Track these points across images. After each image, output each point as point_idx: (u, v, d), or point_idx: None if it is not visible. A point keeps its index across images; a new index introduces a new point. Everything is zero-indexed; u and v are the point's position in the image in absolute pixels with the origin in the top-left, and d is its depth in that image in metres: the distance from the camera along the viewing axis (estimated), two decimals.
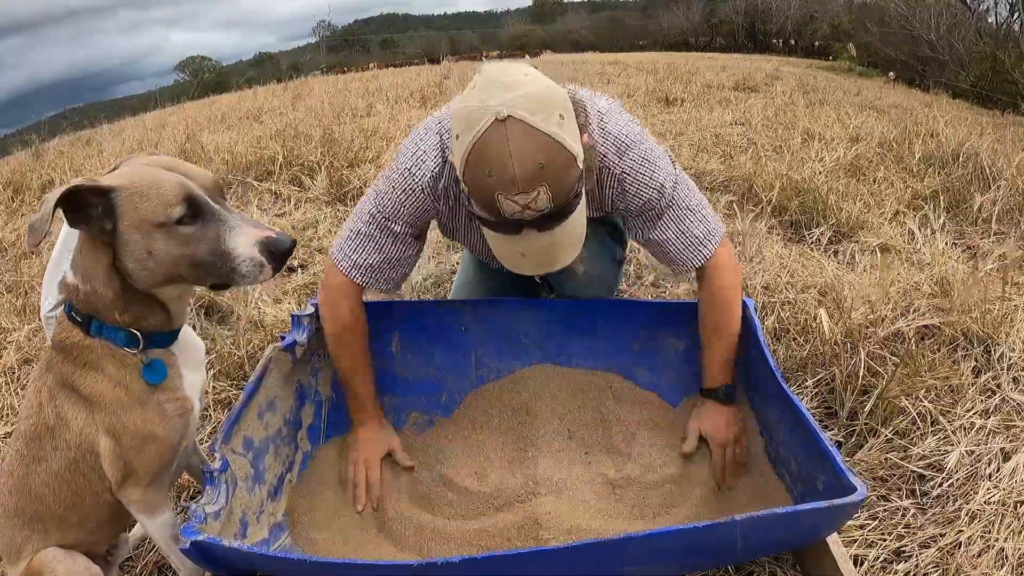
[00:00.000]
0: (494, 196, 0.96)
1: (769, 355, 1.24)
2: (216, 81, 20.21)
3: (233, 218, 0.89)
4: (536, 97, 0.95)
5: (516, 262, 1.08)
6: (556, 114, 0.95)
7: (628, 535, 0.87)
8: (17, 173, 4.17)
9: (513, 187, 0.94)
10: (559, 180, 0.96)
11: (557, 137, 0.94)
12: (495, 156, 0.93)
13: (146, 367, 0.93)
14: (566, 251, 1.07)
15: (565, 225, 1.03)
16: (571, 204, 1.02)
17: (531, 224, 1.00)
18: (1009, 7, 11.84)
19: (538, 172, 0.93)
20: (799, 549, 1.10)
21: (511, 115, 0.92)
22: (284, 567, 0.95)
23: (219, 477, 1.05)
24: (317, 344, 1.43)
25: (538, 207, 0.97)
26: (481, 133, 0.93)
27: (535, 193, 0.95)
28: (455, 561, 0.85)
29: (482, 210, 1.02)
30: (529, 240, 1.03)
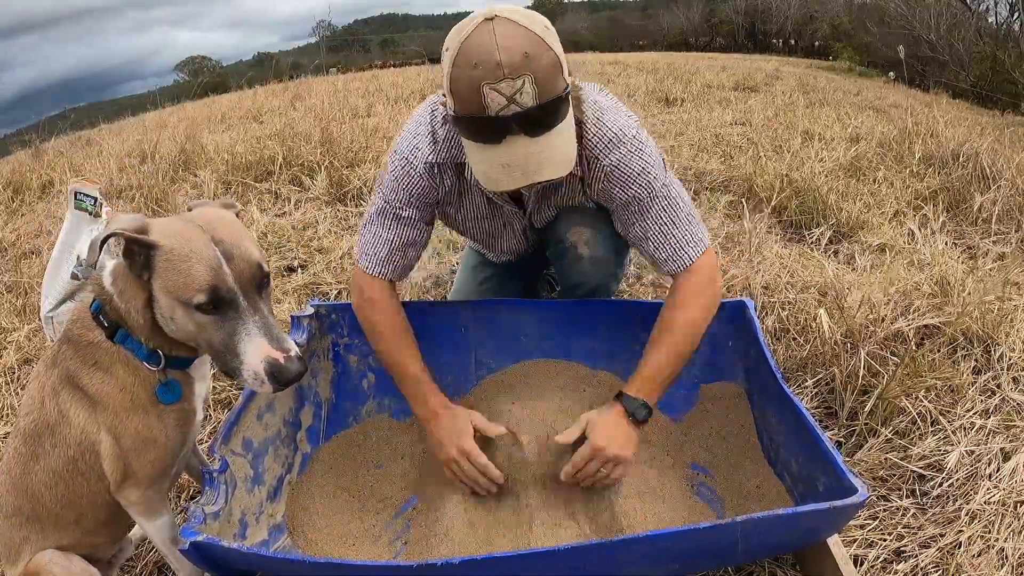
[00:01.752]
0: (480, 88, 0.96)
1: (769, 355, 1.24)
2: (216, 81, 20.21)
3: (253, 322, 0.86)
4: (525, 11, 1.01)
5: (498, 176, 1.05)
6: (542, 24, 1.00)
7: (630, 536, 0.88)
8: (17, 173, 4.16)
9: (498, 72, 0.95)
10: (544, 74, 0.97)
11: (543, 37, 0.98)
12: (482, 47, 0.96)
13: (163, 385, 0.93)
14: (552, 165, 1.04)
15: (552, 135, 1.02)
16: (558, 110, 1.02)
17: (516, 126, 0.99)
18: (1009, 7, 11.85)
19: (523, 60, 0.96)
20: (800, 550, 1.10)
21: (498, 15, 0.98)
22: (283, 568, 0.95)
23: (218, 478, 1.05)
24: (316, 345, 1.43)
25: (523, 101, 0.97)
26: (469, 33, 0.98)
27: (520, 82, 0.96)
28: (455, 562, 0.85)
29: (468, 111, 1.00)
30: (513, 147, 1.01)
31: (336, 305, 1.47)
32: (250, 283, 0.87)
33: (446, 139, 1.22)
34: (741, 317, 1.38)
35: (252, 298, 0.87)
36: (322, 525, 1.23)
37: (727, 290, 2.05)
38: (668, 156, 3.63)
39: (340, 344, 1.48)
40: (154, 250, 0.84)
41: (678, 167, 3.43)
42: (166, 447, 0.95)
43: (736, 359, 1.40)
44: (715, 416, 1.38)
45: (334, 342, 1.48)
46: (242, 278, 0.86)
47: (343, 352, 1.48)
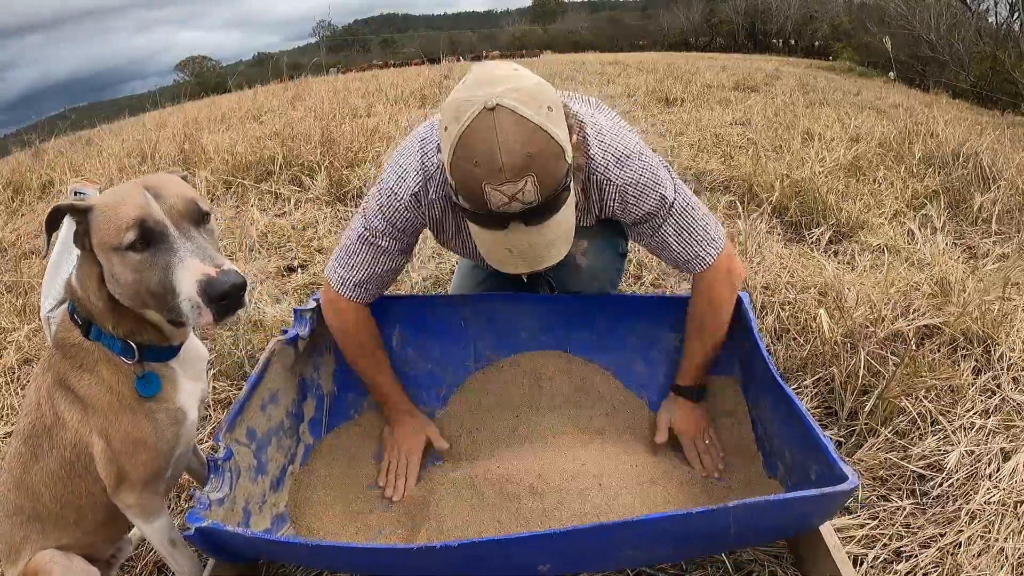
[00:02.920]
0: (481, 186, 0.95)
1: (763, 347, 1.24)
2: (216, 81, 20.21)
3: (187, 248, 0.81)
4: (525, 90, 0.95)
5: (503, 259, 1.05)
6: (545, 106, 0.95)
7: (625, 520, 0.88)
8: (17, 173, 4.17)
9: (500, 176, 0.93)
10: (547, 171, 0.95)
11: (546, 127, 0.94)
12: (483, 144, 0.92)
13: (140, 379, 0.92)
14: (555, 247, 1.04)
15: (552, 221, 1.01)
16: (559, 198, 1.00)
17: (518, 218, 0.98)
18: (1009, 7, 11.85)
19: (526, 161, 0.93)
20: (793, 537, 1.10)
21: (499, 104, 0.92)
22: (287, 551, 0.95)
23: (223, 465, 1.06)
24: (319, 339, 1.44)
25: (525, 199, 0.95)
26: (470, 122, 0.93)
27: (522, 183, 0.94)
28: (453, 545, 0.85)
29: (468, 203, 0.99)
30: (516, 235, 1.01)
31: None
32: (183, 216, 0.84)
33: (438, 179, 1.19)
34: (736, 310, 1.39)
35: (185, 229, 0.83)
36: (324, 515, 1.24)
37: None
38: (668, 156, 3.64)
39: None
40: (90, 212, 0.83)
41: (678, 167, 3.44)
42: (157, 448, 0.94)
43: (731, 352, 1.40)
44: (711, 408, 1.39)
45: None
46: (173, 211, 0.83)
47: None
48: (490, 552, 0.88)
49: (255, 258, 2.45)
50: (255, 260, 2.42)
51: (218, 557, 0.99)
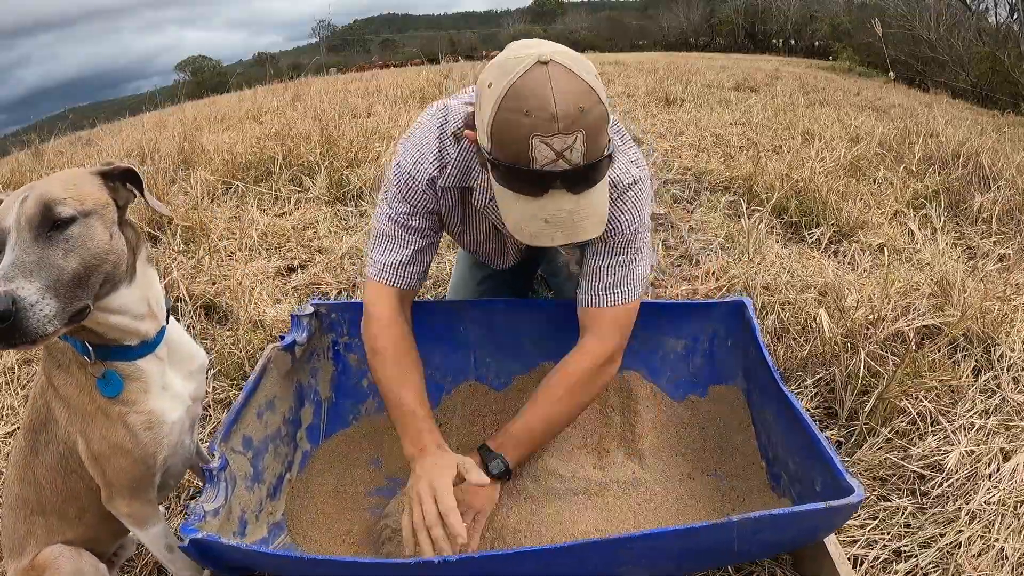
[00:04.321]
0: (528, 139, 0.90)
1: (768, 355, 1.24)
2: (216, 81, 20.20)
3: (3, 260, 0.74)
4: (574, 54, 0.94)
5: (537, 230, 0.98)
6: (593, 72, 0.94)
7: (627, 535, 0.88)
8: (17, 173, 4.16)
9: (552, 126, 0.89)
10: (596, 131, 0.92)
11: (595, 88, 0.92)
12: (537, 93, 0.89)
13: (100, 379, 0.89)
14: (591, 222, 0.99)
15: (593, 192, 0.97)
16: (601, 167, 0.97)
17: (561, 181, 0.94)
18: (1009, 7, 11.84)
19: (579, 115, 0.90)
20: (797, 549, 1.10)
21: (553, 59, 0.90)
22: (282, 565, 0.95)
23: (218, 475, 1.05)
24: (316, 344, 1.43)
25: (572, 158, 0.92)
26: (522, 73, 0.90)
27: (572, 139, 0.90)
28: (452, 560, 0.85)
29: (511, 160, 0.94)
30: (556, 202, 0.96)
31: (336, 304, 1.47)
32: (27, 223, 0.77)
33: (456, 162, 1.18)
34: (740, 316, 1.38)
35: (23, 238, 0.76)
36: (322, 523, 1.23)
37: (727, 290, 2.05)
38: (668, 156, 3.64)
39: (340, 343, 1.48)
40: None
41: (678, 167, 3.44)
42: (135, 453, 0.91)
43: (734, 358, 1.40)
44: (713, 416, 1.38)
45: (334, 341, 1.48)
46: (22, 217, 0.77)
47: (343, 351, 1.49)
48: (490, 567, 0.88)
49: (255, 258, 2.45)
50: (255, 260, 2.42)
51: (213, 569, 0.98)
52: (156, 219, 2.69)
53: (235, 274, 2.20)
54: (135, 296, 0.90)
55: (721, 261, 2.23)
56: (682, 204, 2.91)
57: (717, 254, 2.31)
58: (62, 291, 0.76)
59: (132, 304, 0.89)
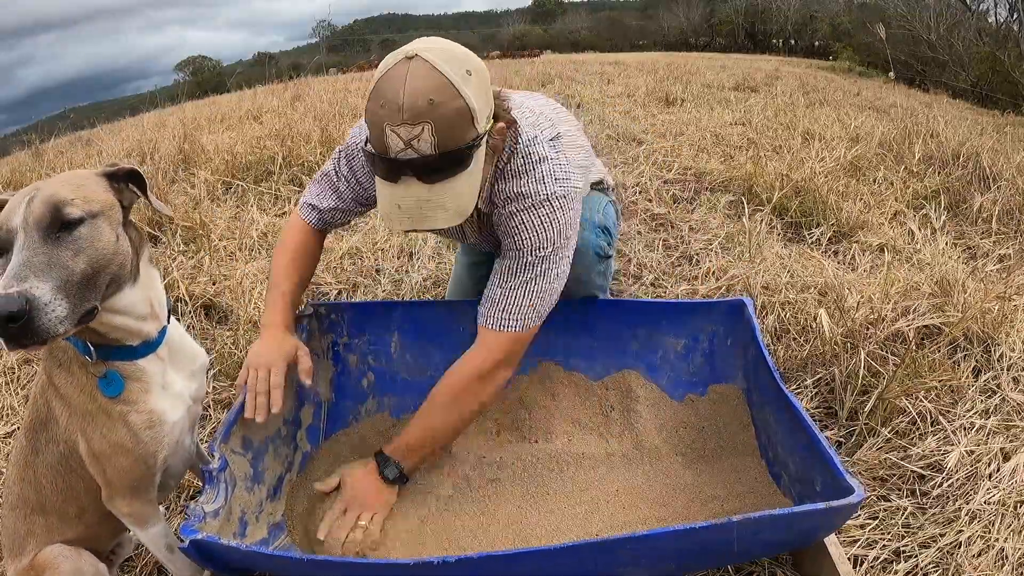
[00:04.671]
0: (383, 127, 0.96)
1: (768, 355, 1.24)
2: (216, 81, 20.19)
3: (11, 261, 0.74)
4: (450, 51, 0.99)
5: (390, 213, 1.04)
6: (464, 69, 0.98)
7: (626, 535, 0.87)
8: (17, 173, 4.16)
9: (398, 116, 0.94)
10: (447, 124, 0.96)
11: (457, 85, 0.96)
12: (391, 86, 0.95)
13: (101, 379, 0.89)
14: (443, 212, 1.03)
15: (447, 184, 1.01)
16: (458, 160, 1.00)
17: (411, 170, 0.99)
18: (1009, 7, 11.84)
19: (427, 107, 0.94)
20: (797, 549, 1.10)
21: (418, 55, 0.96)
22: (282, 566, 0.95)
23: (218, 476, 1.05)
24: (316, 345, 1.43)
25: (420, 148, 0.96)
26: (388, 69, 0.97)
27: (419, 129, 0.95)
28: (451, 560, 0.85)
29: (373, 147, 1.01)
30: (408, 190, 1.01)
31: (336, 304, 1.47)
32: (36, 223, 0.77)
33: None
34: (740, 316, 1.38)
35: (32, 239, 0.76)
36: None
37: (727, 290, 2.05)
38: (668, 156, 3.64)
39: (340, 344, 1.48)
40: None
41: (678, 167, 3.44)
42: (135, 453, 0.91)
43: (734, 358, 1.40)
44: (713, 415, 1.38)
45: (334, 342, 1.48)
46: (30, 218, 0.77)
47: (343, 352, 1.49)
48: (489, 568, 0.88)
49: (255, 258, 2.45)
50: (255, 260, 2.42)
51: (213, 569, 0.98)
52: (156, 219, 2.69)
53: (235, 274, 2.20)
54: (138, 296, 0.90)
55: (721, 261, 2.23)
56: (682, 204, 2.91)
57: (717, 254, 2.31)
58: (72, 292, 0.76)
59: (135, 304, 0.90)
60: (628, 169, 3.42)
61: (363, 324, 1.48)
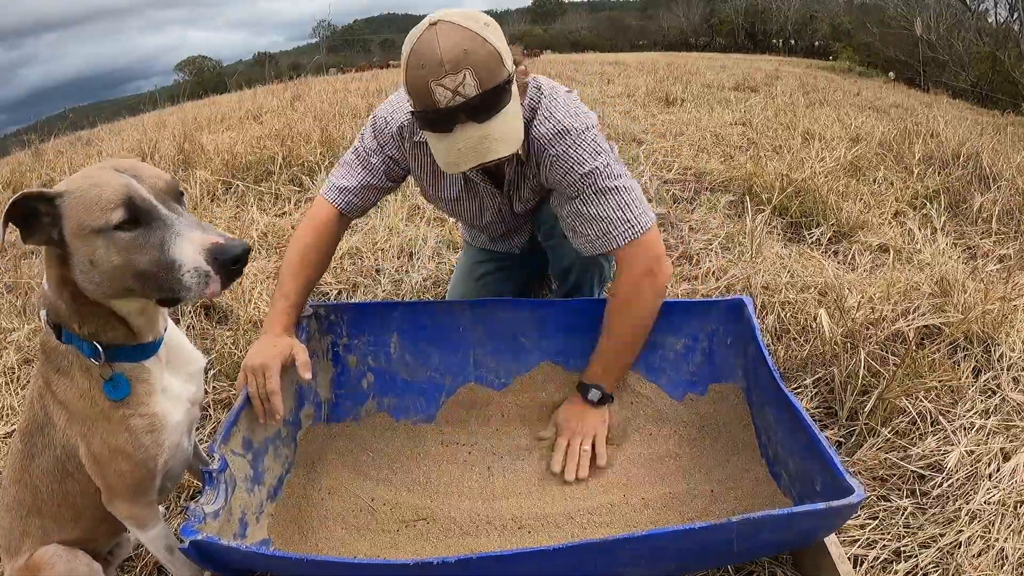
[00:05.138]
0: (428, 85, 1.07)
1: (767, 355, 1.24)
2: (216, 81, 20.20)
3: (181, 222, 0.80)
4: (467, 12, 1.12)
5: (456, 158, 1.14)
6: (482, 21, 1.10)
7: (626, 535, 0.87)
8: (16, 173, 4.16)
9: (441, 70, 1.05)
10: (484, 66, 1.07)
11: (482, 34, 1.08)
12: (427, 49, 1.06)
13: (108, 382, 0.89)
14: (503, 143, 1.13)
15: (497, 119, 1.12)
16: (501, 97, 1.11)
17: (464, 114, 1.09)
18: (1009, 7, 11.84)
19: (463, 56, 1.05)
20: (797, 549, 1.10)
21: (441, 19, 1.08)
22: (282, 566, 0.95)
23: (218, 477, 1.05)
24: (316, 346, 1.43)
25: (466, 93, 1.07)
26: (417, 37, 1.09)
27: (461, 76, 1.06)
28: (451, 561, 0.85)
29: (421, 107, 1.11)
30: (464, 133, 1.11)
31: (335, 305, 1.48)
32: (166, 193, 0.83)
33: None
34: (739, 315, 1.38)
35: (172, 206, 0.82)
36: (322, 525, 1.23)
37: (727, 290, 2.05)
38: (668, 156, 3.64)
39: (340, 344, 1.48)
40: (60, 198, 0.79)
41: (678, 167, 3.44)
42: (135, 457, 0.91)
43: (734, 357, 1.40)
44: (713, 415, 1.38)
45: (333, 342, 1.48)
46: (156, 188, 0.82)
47: (343, 352, 1.49)
48: (489, 568, 0.88)
49: (255, 258, 2.45)
50: (255, 260, 2.42)
51: (214, 570, 0.98)
52: None
53: None
54: None
55: (721, 261, 2.23)
56: (682, 204, 2.91)
57: (717, 254, 2.31)
58: None
59: None
60: (628, 169, 3.42)
61: (363, 325, 1.48)
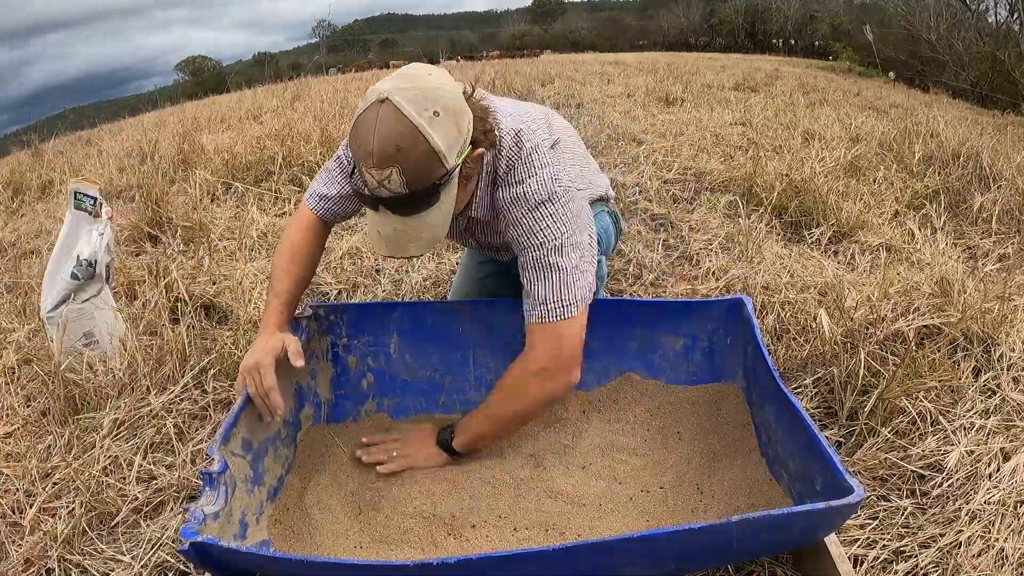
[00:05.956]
0: (360, 166, 1.06)
1: (767, 354, 1.24)
2: (215, 81, 20.20)
3: None
4: (421, 91, 1.04)
5: (374, 239, 1.15)
6: (431, 110, 1.03)
7: (626, 535, 0.87)
8: (17, 173, 4.16)
9: (369, 160, 1.03)
10: (415, 166, 1.03)
11: (422, 129, 1.02)
12: (364, 131, 1.03)
13: None
14: (415, 244, 1.12)
15: (419, 218, 1.09)
16: (430, 197, 1.07)
17: (386, 204, 1.07)
18: (1009, 7, 11.83)
19: (393, 153, 1.01)
20: (797, 549, 1.10)
21: (389, 98, 1.02)
22: (283, 567, 0.95)
23: (218, 479, 1.05)
24: (315, 346, 1.43)
25: (392, 187, 1.04)
26: (363, 110, 1.05)
27: (388, 172, 1.03)
28: (451, 561, 0.85)
29: (358, 179, 1.10)
30: (386, 220, 1.10)
31: (335, 306, 1.48)
32: None
33: None
34: (739, 315, 1.38)
35: None
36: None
37: (727, 290, 2.05)
38: (668, 156, 3.64)
39: (339, 345, 1.48)
40: None
41: (678, 167, 3.44)
42: None
43: (734, 357, 1.40)
44: (713, 415, 1.38)
45: (333, 343, 1.48)
46: None
47: (342, 353, 1.49)
48: (489, 569, 0.87)
49: (255, 258, 2.45)
50: (255, 260, 2.42)
51: (214, 572, 0.98)
52: (156, 219, 2.69)
53: (235, 274, 2.20)
54: None
55: (721, 261, 2.23)
56: (682, 204, 2.91)
57: (717, 254, 2.31)
58: None
59: None
60: (628, 169, 3.42)
61: (362, 325, 1.48)
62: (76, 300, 1.74)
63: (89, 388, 1.60)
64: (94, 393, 1.59)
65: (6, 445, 1.51)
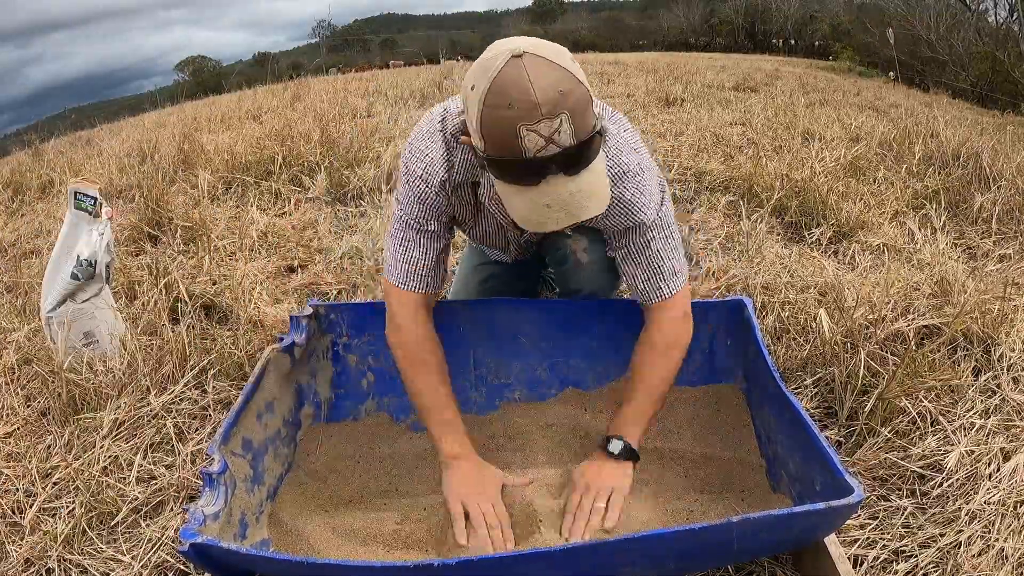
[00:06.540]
0: (516, 130, 0.92)
1: (767, 355, 1.24)
2: (215, 81, 20.21)
3: None
4: (547, 44, 0.97)
5: (541, 217, 1.01)
6: (568, 57, 0.96)
7: (626, 536, 0.88)
8: (17, 173, 4.17)
9: (536, 113, 0.91)
10: (580, 111, 0.94)
11: (573, 71, 0.94)
12: (515, 86, 0.91)
13: None
14: (594, 201, 1.01)
15: (590, 171, 0.99)
16: (593, 146, 0.98)
17: (555, 165, 0.96)
18: (1009, 7, 11.84)
19: (559, 98, 0.91)
20: (797, 549, 1.10)
21: (525, 51, 0.93)
22: (283, 568, 0.95)
23: (218, 479, 1.05)
24: (316, 345, 1.43)
25: (561, 141, 0.93)
26: (499, 70, 0.92)
27: (558, 122, 0.92)
28: (451, 563, 0.85)
29: (503, 154, 0.96)
30: (555, 187, 0.97)
31: (335, 305, 1.47)
32: None
33: (462, 159, 1.21)
34: (739, 315, 1.38)
35: None
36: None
37: (727, 290, 2.05)
38: (668, 156, 3.64)
39: (339, 344, 1.48)
40: None
41: (678, 167, 3.44)
42: None
43: (734, 358, 1.40)
44: (713, 415, 1.38)
45: (333, 342, 1.48)
46: None
47: (342, 352, 1.49)
48: (490, 569, 0.87)
49: (255, 258, 2.45)
50: (255, 260, 2.42)
51: (214, 573, 0.98)
52: (156, 219, 2.69)
53: (235, 274, 2.20)
54: None
55: (721, 261, 2.23)
56: (682, 204, 2.91)
57: (717, 254, 2.31)
58: None
59: None
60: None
61: (363, 324, 1.48)
62: (76, 300, 1.74)
63: (89, 388, 1.60)
64: (94, 393, 1.59)
65: (6, 445, 1.51)
